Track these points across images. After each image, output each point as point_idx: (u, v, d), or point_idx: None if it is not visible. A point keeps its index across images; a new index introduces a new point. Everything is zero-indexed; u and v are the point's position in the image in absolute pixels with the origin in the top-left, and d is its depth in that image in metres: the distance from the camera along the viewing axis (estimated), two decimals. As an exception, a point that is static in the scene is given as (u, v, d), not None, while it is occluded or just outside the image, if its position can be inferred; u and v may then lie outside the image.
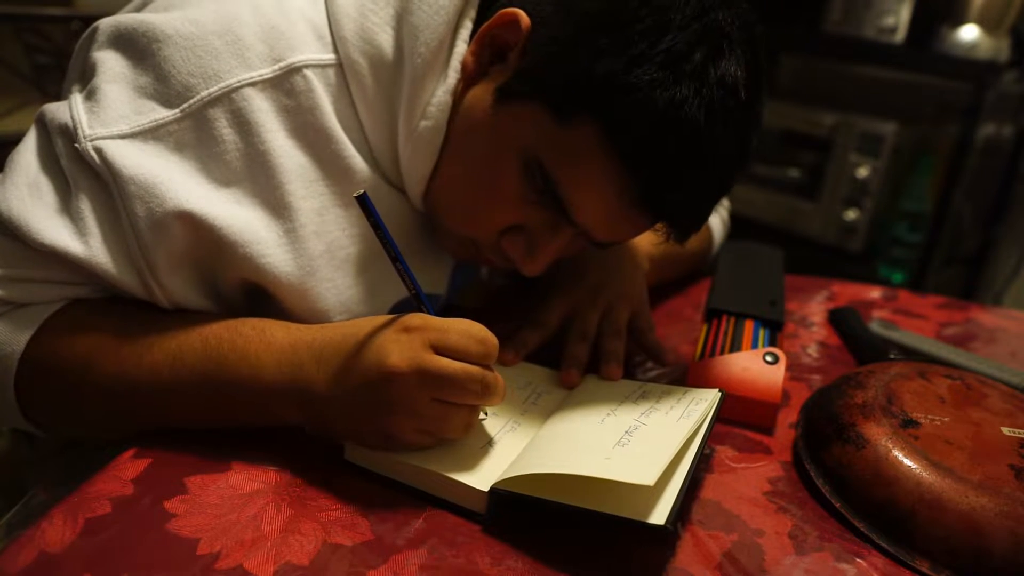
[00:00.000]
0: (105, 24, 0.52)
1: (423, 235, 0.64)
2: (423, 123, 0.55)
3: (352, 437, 0.50)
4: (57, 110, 0.52)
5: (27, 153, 0.52)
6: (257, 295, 0.56)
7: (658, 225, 0.56)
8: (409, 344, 0.46)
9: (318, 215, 0.54)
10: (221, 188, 0.51)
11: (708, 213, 0.57)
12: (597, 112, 0.49)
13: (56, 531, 0.42)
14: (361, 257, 0.58)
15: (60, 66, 1.07)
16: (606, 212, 0.53)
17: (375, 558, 0.43)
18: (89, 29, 0.54)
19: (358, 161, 0.56)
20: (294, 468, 0.49)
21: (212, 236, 0.50)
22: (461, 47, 0.56)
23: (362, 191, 0.47)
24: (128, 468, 0.48)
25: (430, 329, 0.46)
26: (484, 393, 0.47)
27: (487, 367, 0.48)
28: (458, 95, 0.56)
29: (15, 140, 0.59)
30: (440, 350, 0.46)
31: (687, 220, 0.56)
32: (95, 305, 0.53)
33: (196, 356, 0.50)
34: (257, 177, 0.52)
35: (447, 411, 0.47)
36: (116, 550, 0.41)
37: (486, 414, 0.54)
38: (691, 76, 0.48)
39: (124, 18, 0.52)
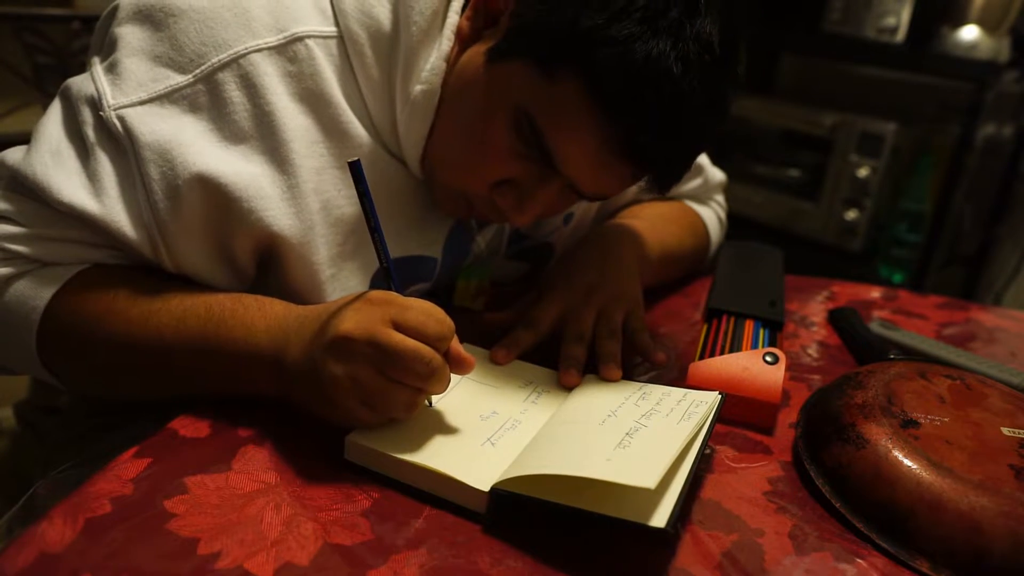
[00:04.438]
0: (126, 1, 0.57)
1: (419, 202, 0.67)
2: (419, 87, 0.59)
3: (304, 404, 0.51)
4: (82, 82, 0.56)
5: (51, 124, 0.56)
6: (265, 264, 0.60)
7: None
8: (368, 314, 0.48)
9: (317, 174, 0.58)
10: (231, 146, 0.55)
11: (687, 164, 0.61)
12: (580, 66, 0.52)
13: (56, 531, 0.42)
14: (353, 218, 0.61)
15: (60, 66, 1.07)
16: (590, 162, 0.56)
17: (375, 558, 0.43)
18: (110, 7, 0.59)
19: (356, 127, 0.60)
20: (294, 468, 0.49)
21: (221, 192, 0.54)
22: (453, 17, 0.60)
23: (356, 158, 0.49)
24: (128, 468, 0.48)
25: (393, 304, 0.48)
26: (429, 376, 0.48)
27: (437, 352, 0.48)
28: (452, 59, 0.60)
29: (15, 140, 0.59)
30: (399, 326, 0.47)
31: (667, 170, 0.60)
32: (111, 271, 0.57)
33: (199, 320, 0.53)
34: (264, 135, 0.56)
35: (389, 387, 0.48)
36: (116, 550, 0.41)
37: (430, 403, 0.54)
38: (667, 31, 0.51)
39: None
